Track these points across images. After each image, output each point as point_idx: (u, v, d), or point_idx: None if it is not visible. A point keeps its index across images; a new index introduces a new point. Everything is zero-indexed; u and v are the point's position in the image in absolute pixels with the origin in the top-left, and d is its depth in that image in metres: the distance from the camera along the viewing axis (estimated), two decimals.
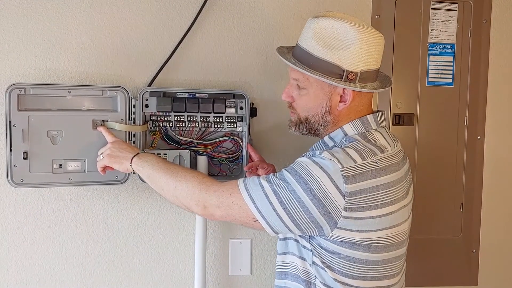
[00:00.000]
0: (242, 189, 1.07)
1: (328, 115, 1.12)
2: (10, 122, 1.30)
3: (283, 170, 1.07)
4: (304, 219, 1.02)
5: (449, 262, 1.69)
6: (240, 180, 1.10)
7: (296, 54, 1.14)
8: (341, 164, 1.01)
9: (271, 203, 1.03)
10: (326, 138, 1.15)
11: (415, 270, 1.63)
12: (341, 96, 1.11)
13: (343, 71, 1.07)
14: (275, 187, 1.04)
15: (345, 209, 1.01)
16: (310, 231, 1.04)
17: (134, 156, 1.22)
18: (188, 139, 1.46)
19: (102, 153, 1.28)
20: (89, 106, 1.38)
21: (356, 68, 1.08)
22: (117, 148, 1.26)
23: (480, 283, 1.72)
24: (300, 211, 1.01)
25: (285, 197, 1.02)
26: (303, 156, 1.09)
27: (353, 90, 1.09)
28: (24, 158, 1.32)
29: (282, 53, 1.19)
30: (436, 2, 1.61)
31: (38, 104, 1.34)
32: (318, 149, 1.14)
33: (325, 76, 1.08)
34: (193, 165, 1.44)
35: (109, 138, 1.32)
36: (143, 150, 1.38)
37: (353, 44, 1.07)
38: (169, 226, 1.54)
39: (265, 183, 1.05)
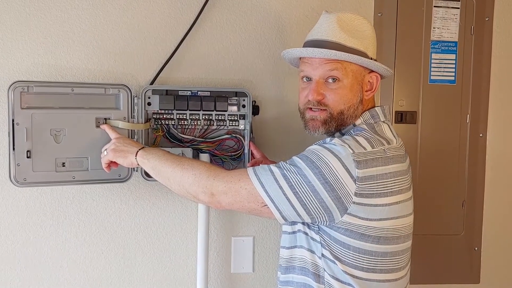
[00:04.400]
0: (251, 174, 1.07)
1: (360, 104, 1.15)
2: (13, 120, 1.29)
3: (293, 157, 1.08)
4: (314, 204, 1.02)
5: (451, 259, 1.69)
6: (249, 167, 1.10)
7: (323, 47, 1.12)
8: (352, 149, 1.03)
9: (281, 187, 1.03)
10: (336, 134, 1.17)
11: (417, 267, 1.62)
12: (367, 84, 1.15)
13: (371, 59, 1.14)
14: (285, 171, 1.04)
15: (355, 194, 1.01)
16: (320, 217, 1.04)
17: (140, 149, 1.22)
18: (191, 137, 1.46)
19: (106, 149, 1.27)
20: (91, 104, 1.37)
21: (374, 56, 1.16)
22: (121, 143, 1.26)
23: (482, 281, 1.73)
24: (311, 195, 1.02)
25: (296, 181, 1.02)
26: (314, 144, 1.10)
27: (380, 76, 1.16)
28: (27, 157, 1.31)
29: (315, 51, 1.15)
30: (438, 0, 1.61)
31: (41, 102, 1.33)
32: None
33: (375, 62, 1.13)
34: None
35: (112, 135, 1.32)
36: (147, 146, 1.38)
37: (370, 35, 1.15)
38: (172, 224, 1.54)
39: (275, 169, 1.06)
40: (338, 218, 1.04)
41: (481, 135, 1.67)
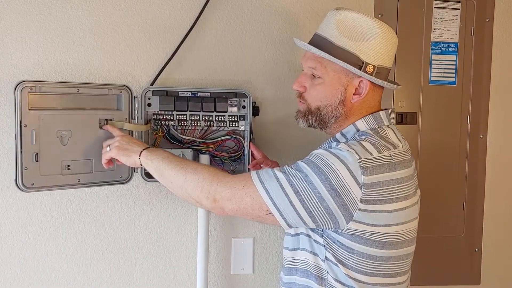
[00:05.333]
0: (256, 180, 1.04)
1: (341, 106, 1.12)
2: (20, 122, 1.21)
3: (298, 161, 1.06)
4: (320, 211, 1.01)
5: (452, 261, 1.69)
6: (253, 172, 1.07)
7: (315, 43, 1.13)
8: (358, 155, 1.01)
9: (286, 194, 1.01)
10: (338, 135, 1.15)
11: (418, 269, 1.62)
12: (356, 88, 1.12)
13: (362, 63, 1.09)
14: (291, 177, 1.02)
15: (361, 201, 1.00)
16: (325, 224, 1.03)
17: (144, 149, 1.20)
18: (191, 138, 1.46)
19: (110, 145, 1.24)
20: (93, 105, 1.34)
21: (374, 62, 1.10)
22: (126, 141, 1.23)
23: (483, 282, 1.72)
24: (317, 202, 1.00)
25: (302, 188, 1.00)
26: (319, 149, 1.08)
27: (370, 82, 1.11)
28: (35, 160, 1.25)
29: (299, 43, 1.18)
30: (439, 1, 1.61)
31: (47, 103, 1.27)
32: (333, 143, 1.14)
33: (344, 63, 1.08)
34: None
35: (116, 133, 1.30)
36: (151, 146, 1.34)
37: (374, 38, 1.09)
38: (172, 225, 1.54)
39: (280, 174, 1.03)
40: (343, 225, 1.02)
41: (481, 136, 1.67)
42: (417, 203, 1.13)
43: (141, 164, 1.20)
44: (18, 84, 1.21)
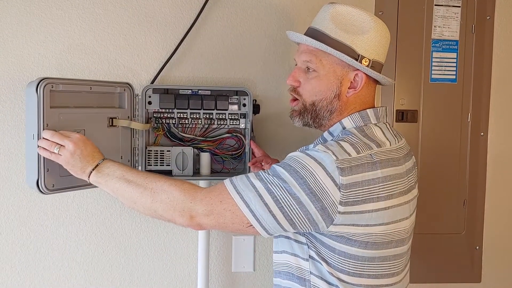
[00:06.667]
0: (233, 192, 1.00)
1: (336, 100, 1.10)
2: (43, 122, 1.14)
3: (274, 166, 1.03)
4: (299, 217, 0.98)
5: (452, 259, 1.69)
6: (227, 183, 1.02)
7: (310, 35, 1.11)
8: (335, 156, 0.98)
9: (266, 204, 0.98)
10: (325, 134, 1.13)
11: (418, 267, 1.63)
12: (351, 82, 1.10)
13: (358, 56, 1.08)
14: (269, 185, 0.98)
15: (340, 203, 0.97)
16: (304, 229, 1.00)
17: (94, 169, 1.11)
18: (191, 136, 1.46)
19: (63, 147, 1.11)
20: (99, 103, 1.31)
21: (369, 55, 1.09)
22: (78, 154, 1.11)
23: (484, 280, 1.72)
24: (296, 208, 0.97)
25: (280, 194, 0.97)
26: (295, 151, 1.05)
27: (365, 76, 1.09)
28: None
29: (294, 35, 1.16)
30: None
31: (64, 101, 1.21)
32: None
33: (341, 54, 1.07)
34: (196, 162, 1.45)
35: (73, 136, 1.14)
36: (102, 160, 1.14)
37: (368, 32, 1.08)
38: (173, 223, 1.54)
39: (257, 182, 1.00)
40: (324, 229, 1.00)
41: (482, 134, 1.67)
42: (408, 203, 1.08)
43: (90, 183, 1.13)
44: (40, 81, 1.14)
